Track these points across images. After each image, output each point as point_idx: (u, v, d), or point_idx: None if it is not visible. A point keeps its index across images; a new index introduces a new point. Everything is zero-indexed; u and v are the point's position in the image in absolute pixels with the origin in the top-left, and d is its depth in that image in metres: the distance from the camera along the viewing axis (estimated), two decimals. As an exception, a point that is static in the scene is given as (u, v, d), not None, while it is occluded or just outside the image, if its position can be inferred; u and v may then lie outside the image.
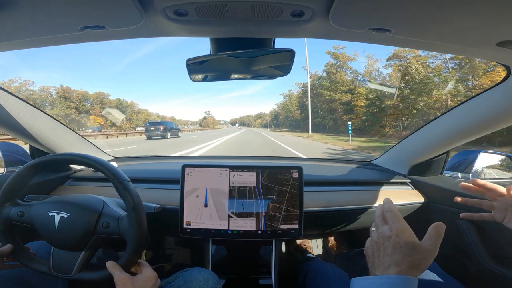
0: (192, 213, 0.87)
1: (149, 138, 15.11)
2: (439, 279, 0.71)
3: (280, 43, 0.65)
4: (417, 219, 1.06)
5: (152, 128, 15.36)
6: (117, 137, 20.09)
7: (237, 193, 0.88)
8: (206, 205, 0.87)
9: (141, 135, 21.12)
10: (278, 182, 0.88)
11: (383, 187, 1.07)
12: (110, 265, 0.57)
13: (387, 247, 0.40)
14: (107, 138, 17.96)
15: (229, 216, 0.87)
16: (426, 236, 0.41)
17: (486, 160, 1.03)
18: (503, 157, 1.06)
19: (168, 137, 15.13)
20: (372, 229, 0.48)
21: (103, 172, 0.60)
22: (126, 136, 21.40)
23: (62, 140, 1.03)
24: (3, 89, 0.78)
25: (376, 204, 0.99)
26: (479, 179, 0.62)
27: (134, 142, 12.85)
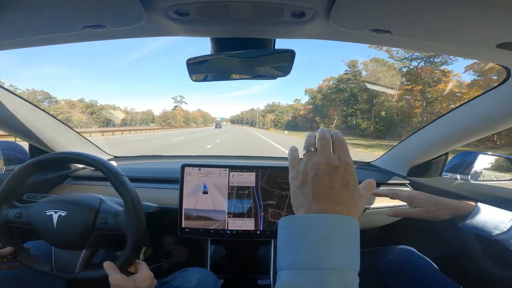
0: (191, 213, 0.87)
1: (216, 128, 56.25)
2: (438, 281, 0.71)
3: (281, 43, 0.64)
4: (415, 220, 1.07)
5: (218, 124, 71.45)
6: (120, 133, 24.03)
7: (236, 193, 0.88)
8: (205, 205, 0.87)
9: (136, 132, 29.63)
10: (278, 186, 0.88)
11: None
12: (107, 265, 0.57)
13: (334, 179, 0.33)
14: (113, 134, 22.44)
15: (228, 216, 0.87)
16: (362, 185, 0.37)
17: (485, 161, 1.03)
18: (502, 159, 1.06)
19: (221, 127, 60.39)
20: (304, 151, 0.37)
21: (98, 169, 0.60)
22: (122, 134, 24.95)
23: (62, 139, 1.03)
24: (2, 87, 0.77)
25: (375, 205, 0.99)
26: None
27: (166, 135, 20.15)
